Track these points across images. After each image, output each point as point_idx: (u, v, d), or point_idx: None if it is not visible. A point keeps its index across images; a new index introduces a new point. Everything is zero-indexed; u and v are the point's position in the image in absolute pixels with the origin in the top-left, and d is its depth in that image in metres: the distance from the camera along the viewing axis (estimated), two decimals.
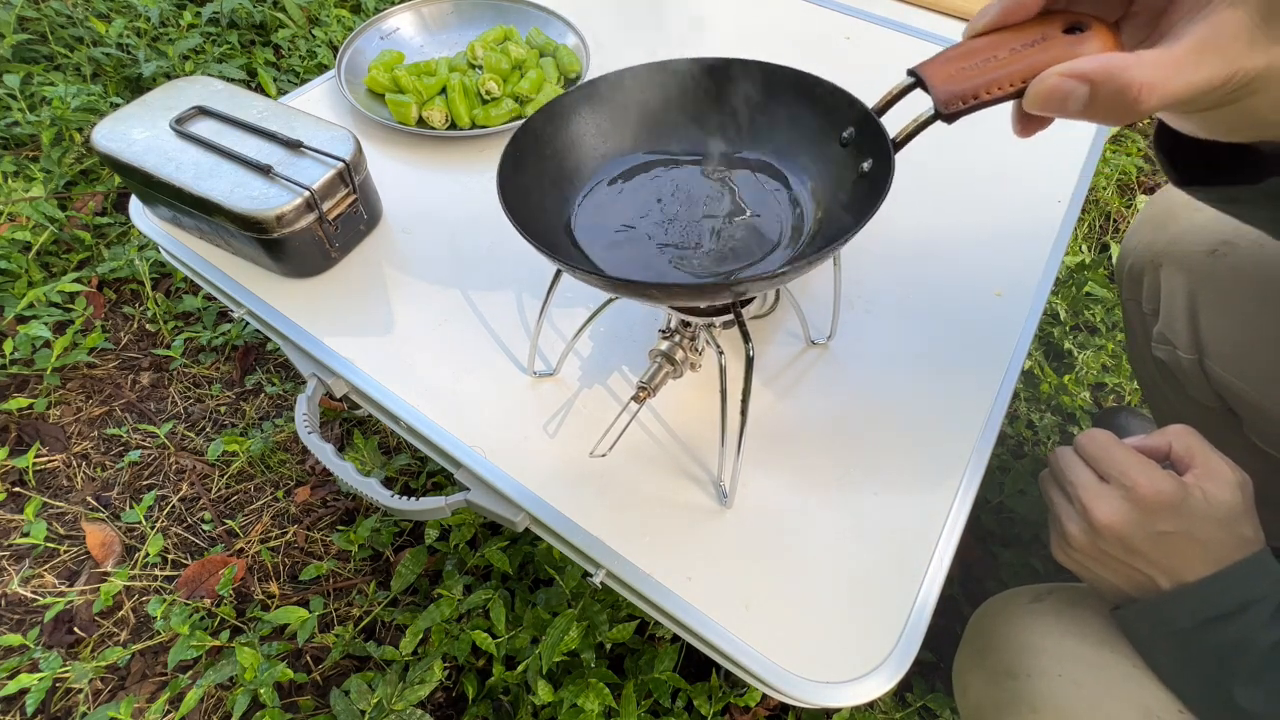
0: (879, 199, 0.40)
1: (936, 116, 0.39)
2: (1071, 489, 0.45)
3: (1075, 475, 0.45)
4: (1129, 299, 0.71)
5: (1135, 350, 0.76)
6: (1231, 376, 0.59)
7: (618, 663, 0.80)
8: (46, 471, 0.97)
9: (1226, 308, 0.59)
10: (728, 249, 0.48)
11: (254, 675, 0.76)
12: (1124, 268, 0.71)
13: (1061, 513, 0.46)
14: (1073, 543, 0.45)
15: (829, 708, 0.50)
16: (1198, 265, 0.61)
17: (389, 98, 0.72)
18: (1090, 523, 0.43)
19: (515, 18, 0.83)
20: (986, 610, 0.53)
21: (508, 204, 0.42)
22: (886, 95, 0.42)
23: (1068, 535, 0.45)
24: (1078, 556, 0.45)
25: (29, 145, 1.29)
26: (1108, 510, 0.42)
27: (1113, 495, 0.43)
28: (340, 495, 0.96)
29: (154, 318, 1.13)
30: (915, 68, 0.39)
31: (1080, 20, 0.35)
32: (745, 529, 0.48)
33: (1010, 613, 0.50)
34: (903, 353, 0.57)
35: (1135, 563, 0.43)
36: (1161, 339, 0.65)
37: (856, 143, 0.46)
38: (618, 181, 0.52)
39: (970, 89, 0.37)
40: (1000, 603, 0.52)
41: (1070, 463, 0.46)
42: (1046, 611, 0.48)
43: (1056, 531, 0.47)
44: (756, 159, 0.52)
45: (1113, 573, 0.44)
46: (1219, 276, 0.60)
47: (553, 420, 0.53)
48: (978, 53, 0.37)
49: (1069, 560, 0.46)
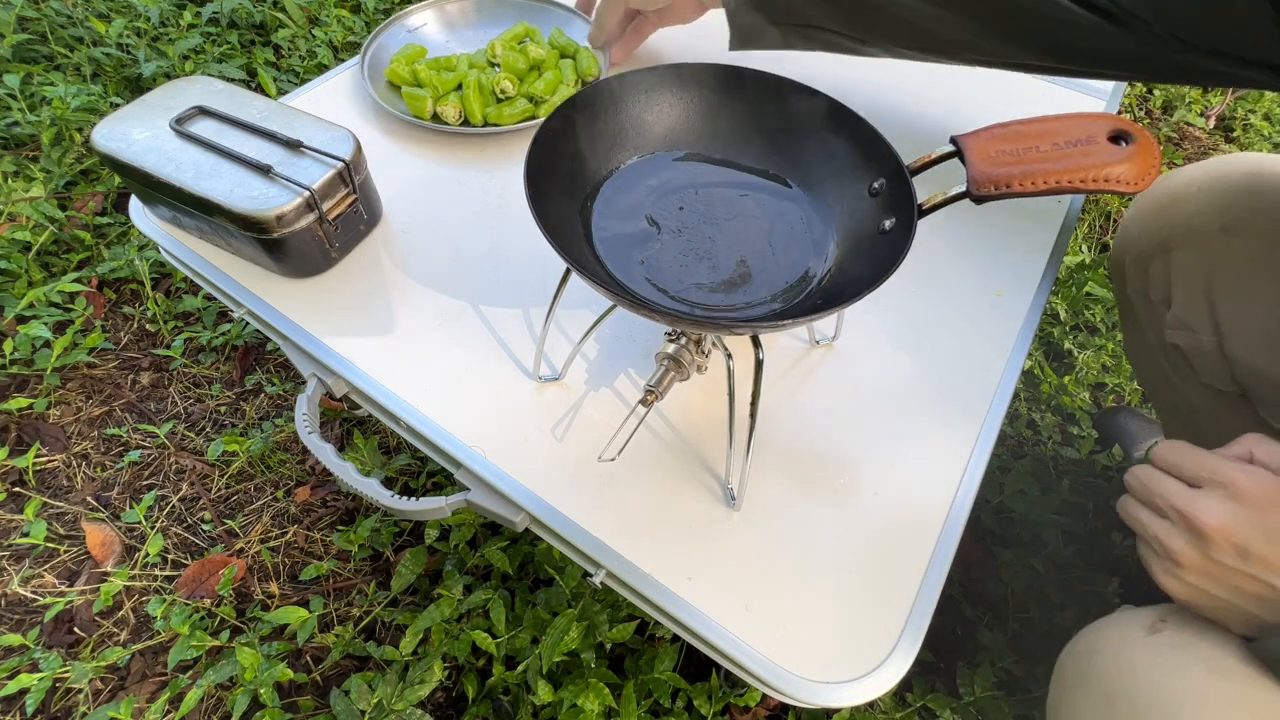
0: (893, 266, 0.39)
1: (966, 195, 0.39)
2: (1164, 502, 0.41)
3: (1164, 487, 0.41)
4: (1133, 291, 0.70)
5: (1135, 344, 0.75)
6: (1253, 355, 0.58)
7: (618, 663, 0.80)
8: (46, 471, 0.97)
9: (1244, 286, 0.58)
10: (739, 276, 0.47)
11: (254, 675, 0.76)
12: (1124, 259, 0.70)
13: (1160, 532, 0.41)
14: (1183, 561, 0.40)
15: (829, 708, 0.50)
16: (1211, 244, 0.60)
17: (405, 91, 0.73)
18: (1196, 532, 0.39)
19: (540, 17, 0.83)
20: (1095, 646, 0.45)
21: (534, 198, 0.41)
22: (924, 158, 0.43)
23: (1175, 555, 0.40)
24: (1193, 579, 0.40)
25: (29, 145, 1.29)
26: (1213, 513, 0.38)
27: (1213, 497, 0.39)
28: (340, 495, 0.96)
29: (154, 318, 1.13)
30: (958, 138, 0.39)
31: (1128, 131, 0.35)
32: (746, 529, 0.48)
33: (1128, 650, 0.43)
34: (903, 353, 0.57)
35: (1258, 572, 0.38)
36: (1178, 324, 0.64)
37: (885, 196, 0.45)
38: (641, 181, 0.51)
39: (1005, 177, 0.37)
40: (1109, 637, 0.45)
41: (1154, 477, 0.42)
42: (1175, 646, 0.42)
43: (1159, 557, 0.42)
44: (783, 185, 0.52)
45: (1235, 592, 0.39)
46: (1234, 253, 0.58)
47: (560, 424, 0.53)
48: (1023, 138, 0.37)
49: (1183, 589, 0.41)
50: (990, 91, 0.81)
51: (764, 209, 0.51)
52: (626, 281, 0.47)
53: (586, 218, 0.49)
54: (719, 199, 0.51)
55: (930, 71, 0.83)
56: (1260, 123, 1.64)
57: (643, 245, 0.49)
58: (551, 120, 0.47)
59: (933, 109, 0.78)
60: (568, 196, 0.49)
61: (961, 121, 0.44)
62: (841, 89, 0.52)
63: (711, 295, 0.47)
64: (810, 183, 0.51)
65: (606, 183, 0.51)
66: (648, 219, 0.50)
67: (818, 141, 0.50)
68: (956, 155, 0.40)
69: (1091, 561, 0.92)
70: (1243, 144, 1.62)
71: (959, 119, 0.76)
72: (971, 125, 0.45)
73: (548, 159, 0.46)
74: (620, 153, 0.52)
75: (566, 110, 0.48)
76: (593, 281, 0.40)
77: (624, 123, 0.51)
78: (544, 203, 0.43)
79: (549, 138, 0.46)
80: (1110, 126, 0.37)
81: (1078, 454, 1.04)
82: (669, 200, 0.51)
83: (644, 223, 0.50)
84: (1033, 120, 0.38)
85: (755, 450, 0.47)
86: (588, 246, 0.48)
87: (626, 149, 0.52)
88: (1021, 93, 0.81)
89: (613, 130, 0.51)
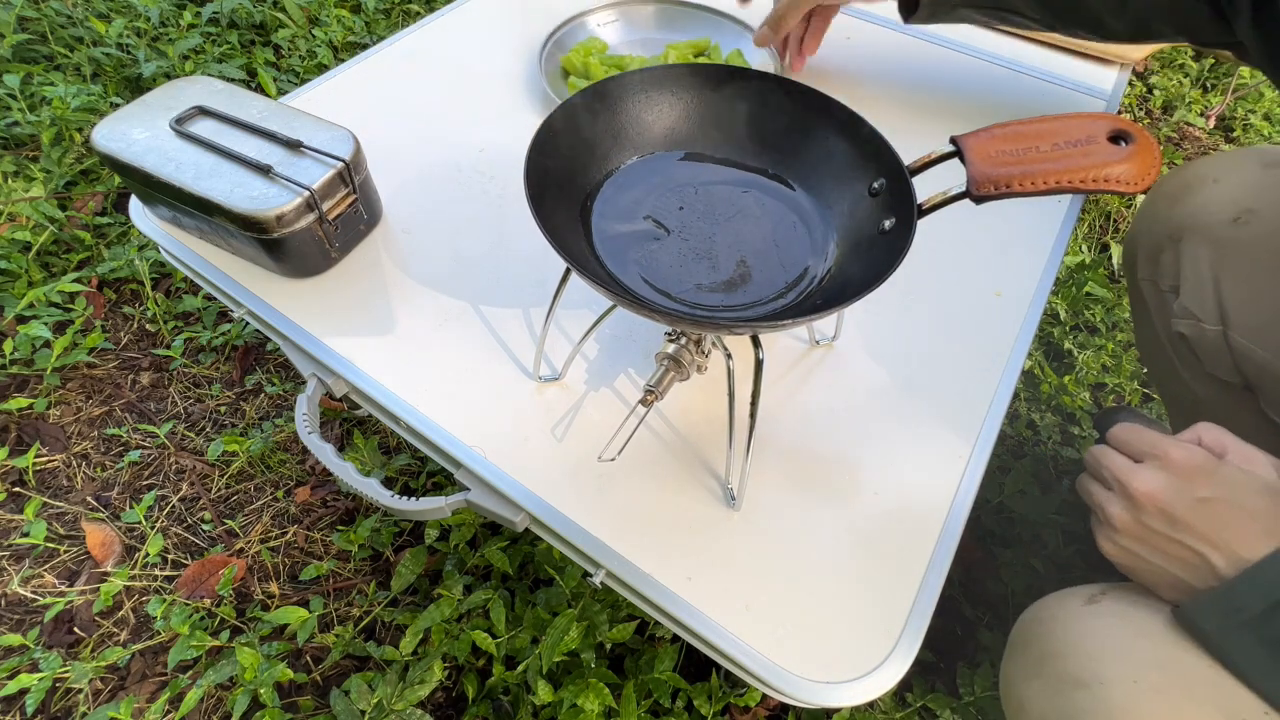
0: (893, 266, 0.39)
1: (966, 195, 0.39)
2: (1108, 474, 0.45)
3: (1109, 461, 0.45)
4: (1144, 279, 0.70)
5: (1145, 335, 0.75)
6: (1256, 346, 0.59)
7: (618, 663, 0.80)
8: (46, 471, 0.97)
9: (1251, 277, 0.59)
10: (739, 275, 0.48)
11: (254, 675, 0.76)
12: (1136, 247, 0.70)
13: (1102, 500, 0.45)
14: (1117, 524, 0.44)
15: (829, 708, 0.50)
16: (1221, 235, 0.60)
17: (571, 79, 0.76)
18: (1129, 497, 0.43)
19: (723, 34, 0.83)
20: (1037, 615, 0.49)
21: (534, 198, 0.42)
22: (924, 158, 0.43)
23: (1111, 519, 0.44)
24: (1125, 542, 0.44)
25: (29, 145, 1.29)
26: (1144, 481, 0.42)
27: (1147, 468, 0.43)
28: (340, 495, 0.96)
29: (154, 318, 1.13)
30: (958, 138, 0.39)
31: (1128, 131, 0.36)
32: (746, 529, 0.48)
33: (1066, 616, 0.46)
34: (903, 353, 0.57)
35: (1183, 536, 0.41)
36: (1184, 312, 0.64)
37: (885, 196, 0.46)
38: (641, 181, 0.51)
39: (1005, 177, 0.37)
40: (1052, 606, 0.48)
41: (1104, 453, 0.46)
42: (1107, 613, 0.45)
43: (1100, 522, 0.46)
44: (784, 184, 0.52)
45: (1163, 555, 0.42)
46: (1243, 245, 0.59)
47: (560, 424, 0.53)
48: (1023, 138, 0.37)
49: (1117, 550, 0.45)
50: (990, 91, 0.81)
51: (764, 209, 0.51)
52: (626, 281, 0.47)
53: (586, 217, 0.49)
54: (719, 199, 0.51)
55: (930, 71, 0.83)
56: (1260, 123, 1.64)
57: (643, 245, 0.49)
58: (552, 120, 0.47)
59: (933, 109, 0.78)
60: (568, 196, 0.49)
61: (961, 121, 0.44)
62: (841, 89, 0.52)
63: (711, 295, 0.47)
64: (810, 183, 0.51)
65: (607, 183, 0.51)
66: (647, 219, 0.50)
67: (818, 141, 0.50)
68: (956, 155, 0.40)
69: (1091, 561, 0.92)
70: (1243, 144, 1.62)
71: (959, 119, 0.76)
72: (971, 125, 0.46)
73: (548, 159, 0.46)
74: (620, 153, 0.52)
75: (567, 110, 0.48)
76: (593, 281, 0.40)
77: (624, 123, 0.51)
78: (544, 203, 0.43)
79: (550, 138, 0.46)
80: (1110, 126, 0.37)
81: (1078, 454, 1.04)
82: (669, 200, 0.51)
83: (644, 222, 0.49)
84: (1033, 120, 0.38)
85: (755, 450, 0.47)
86: (588, 246, 0.48)
87: (627, 149, 0.52)
88: (1021, 93, 0.81)
89: (613, 130, 0.51)
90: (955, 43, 0.87)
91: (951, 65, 0.84)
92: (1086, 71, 0.85)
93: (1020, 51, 0.87)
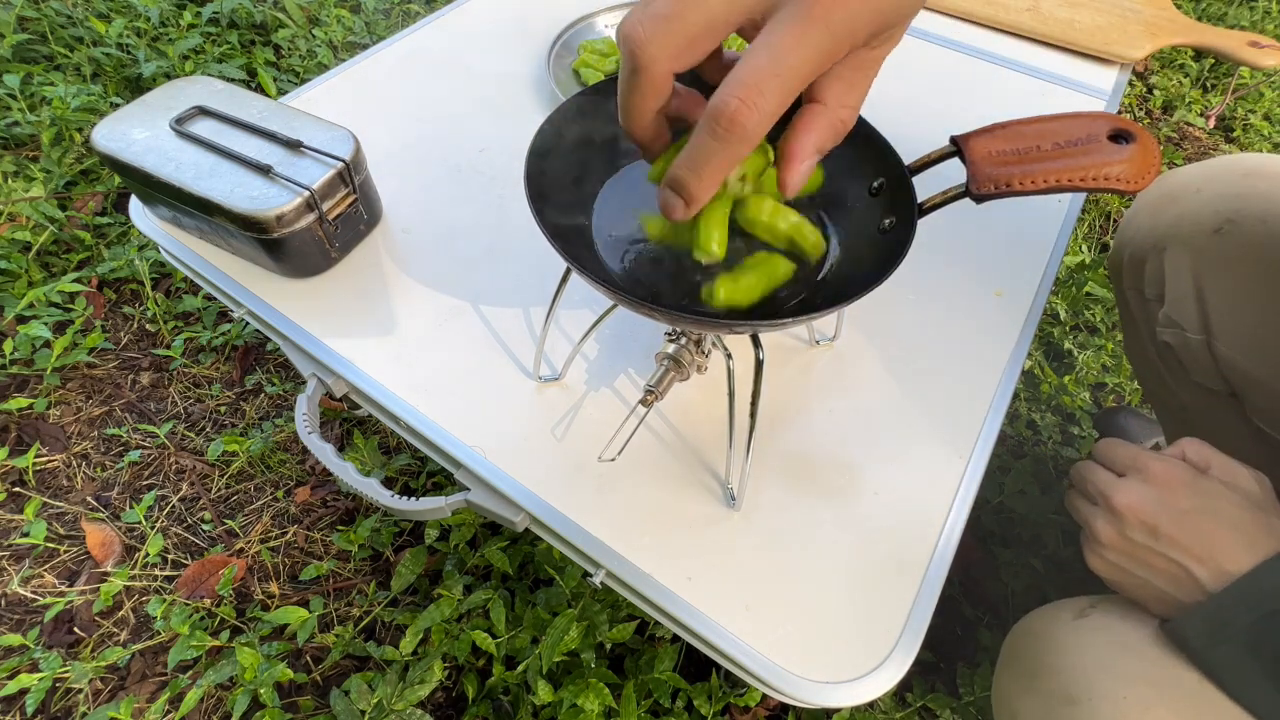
0: (893, 265, 0.39)
1: (966, 194, 0.39)
2: (1093, 489, 0.46)
3: (1094, 476, 0.46)
4: (1129, 288, 0.71)
5: (1133, 342, 0.76)
6: (1238, 355, 0.59)
7: (618, 663, 0.80)
8: (46, 471, 0.97)
9: (1233, 286, 0.59)
10: None
11: (254, 675, 0.76)
12: (1122, 257, 0.71)
13: (1088, 515, 0.46)
14: (1102, 539, 0.44)
15: (829, 708, 0.50)
16: (1203, 245, 0.61)
17: (583, 72, 0.78)
18: (1112, 511, 0.43)
19: None
20: (1027, 629, 0.50)
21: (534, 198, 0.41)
22: (924, 157, 0.43)
23: (1097, 534, 0.45)
24: (1112, 557, 0.45)
25: (29, 145, 1.29)
26: (1125, 494, 0.43)
27: (1128, 481, 0.44)
28: (340, 495, 0.96)
29: (154, 318, 1.13)
30: (958, 137, 0.39)
31: (1128, 131, 0.35)
32: (746, 529, 0.48)
33: (1056, 631, 0.47)
34: (903, 352, 0.57)
35: (1165, 549, 0.42)
36: (1168, 322, 0.65)
37: (885, 195, 0.45)
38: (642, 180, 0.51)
39: (1005, 176, 0.37)
40: (1041, 620, 0.49)
41: (1088, 468, 0.47)
42: (1096, 628, 0.46)
43: (1087, 537, 0.46)
44: None
45: (1147, 568, 0.43)
46: (1225, 254, 0.60)
47: (560, 424, 0.53)
48: (1023, 137, 0.37)
49: (1105, 566, 0.46)
50: (990, 91, 0.81)
51: None
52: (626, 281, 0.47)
53: (587, 217, 0.49)
54: None
55: (930, 71, 0.83)
56: (1260, 123, 1.64)
57: (643, 244, 0.48)
58: (552, 120, 0.47)
59: (933, 109, 0.78)
60: (568, 196, 0.49)
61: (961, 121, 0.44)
62: None
63: None
64: None
65: (607, 182, 0.51)
66: None
67: None
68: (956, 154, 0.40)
69: None
70: (1243, 144, 1.62)
71: (959, 119, 0.76)
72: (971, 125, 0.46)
73: (549, 159, 0.46)
74: (621, 152, 0.52)
75: (568, 110, 0.48)
76: (593, 281, 0.40)
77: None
78: (544, 203, 0.43)
79: (551, 138, 0.46)
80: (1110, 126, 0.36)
81: (1078, 454, 1.04)
82: None
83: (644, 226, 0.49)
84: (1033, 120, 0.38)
85: (755, 450, 0.47)
86: (588, 246, 0.48)
87: (627, 148, 0.52)
88: (1021, 92, 0.81)
89: (614, 130, 0.51)
90: (955, 43, 0.87)
91: (951, 65, 0.84)
92: (1086, 71, 0.85)
93: (1020, 51, 0.87)
